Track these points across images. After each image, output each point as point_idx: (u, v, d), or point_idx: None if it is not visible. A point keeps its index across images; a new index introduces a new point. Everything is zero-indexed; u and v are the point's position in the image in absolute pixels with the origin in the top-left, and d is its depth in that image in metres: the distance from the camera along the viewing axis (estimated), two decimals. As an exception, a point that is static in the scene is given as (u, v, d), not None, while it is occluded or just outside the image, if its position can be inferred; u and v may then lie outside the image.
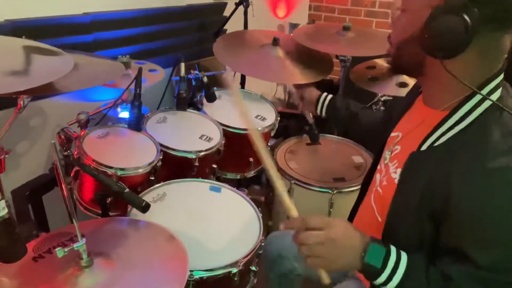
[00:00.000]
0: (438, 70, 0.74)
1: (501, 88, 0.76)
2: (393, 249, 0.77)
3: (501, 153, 0.68)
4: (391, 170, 0.88)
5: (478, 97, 0.74)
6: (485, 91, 0.74)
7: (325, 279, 0.78)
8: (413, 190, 0.78)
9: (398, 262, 0.76)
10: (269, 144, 1.82)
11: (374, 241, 0.78)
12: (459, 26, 0.67)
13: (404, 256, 0.77)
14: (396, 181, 0.84)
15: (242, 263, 1.04)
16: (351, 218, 1.12)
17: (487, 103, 0.73)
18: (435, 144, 0.78)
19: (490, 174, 0.68)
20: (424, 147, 0.80)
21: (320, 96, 1.47)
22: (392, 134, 0.96)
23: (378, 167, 0.98)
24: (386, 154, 0.93)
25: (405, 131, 0.91)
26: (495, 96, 0.75)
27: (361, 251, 0.76)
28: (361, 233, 0.79)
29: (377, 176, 0.97)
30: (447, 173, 0.72)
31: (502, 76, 0.76)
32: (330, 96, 1.46)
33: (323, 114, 1.46)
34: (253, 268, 1.14)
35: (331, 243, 0.75)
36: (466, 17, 0.66)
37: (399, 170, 0.84)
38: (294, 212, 0.82)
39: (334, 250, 0.75)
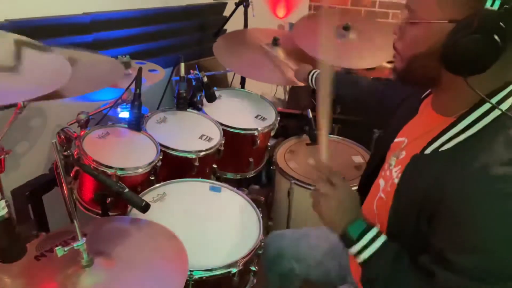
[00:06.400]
0: (454, 82, 0.72)
1: None
2: (374, 229, 0.82)
3: (503, 162, 0.67)
4: (394, 175, 0.87)
5: (487, 105, 0.73)
6: (495, 99, 0.72)
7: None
8: (414, 192, 0.77)
9: (372, 241, 0.81)
10: (269, 144, 1.82)
11: (363, 219, 0.84)
12: (490, 47, 0.65)
13: (380, 239, 0.81)
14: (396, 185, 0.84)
15: (242, 263, 1.04)
16: None
17: (497, 112, 0.72)
18: (441, 149, 0.77)
19: (487, 180, 0.67)
20: (428, 151, 0.79)
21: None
22: (397, 140, 0.95)
23: (382, 173, 0.96)
24: (392, 160, 0.91)
25: (412, 137, 0.89)
26: (507, 104, 0.72)
27: (348, 221, 0.83)
28: (359, 211, 0.87)
29: (381, 182, 0.95)
30: (447, 177, 0.71)
31: None
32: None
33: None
34: (253, 268, 1.14)
35: (331, 200, 0.84)
36: (496, 37, 0.64)
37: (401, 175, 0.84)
38: (325, 157, 0.90)
39: (330, 206, 0.84)
